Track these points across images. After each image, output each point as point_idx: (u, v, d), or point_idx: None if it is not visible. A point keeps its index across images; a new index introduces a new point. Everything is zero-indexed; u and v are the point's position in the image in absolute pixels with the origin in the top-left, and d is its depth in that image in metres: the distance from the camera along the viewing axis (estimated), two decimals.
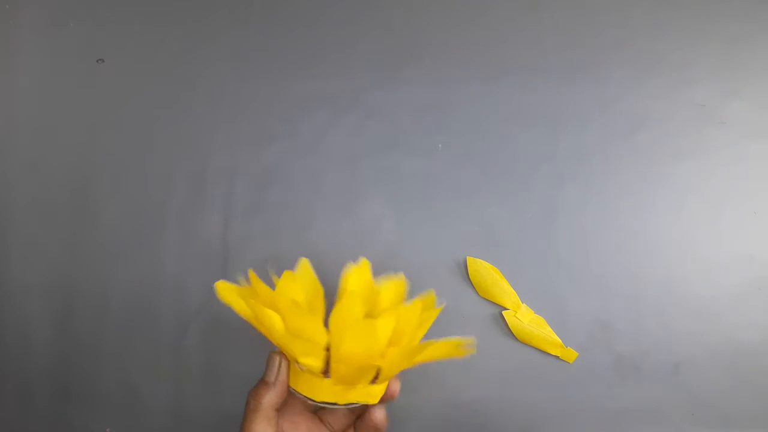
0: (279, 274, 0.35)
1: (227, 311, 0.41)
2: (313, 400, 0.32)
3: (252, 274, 0.33)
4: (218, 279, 0.41)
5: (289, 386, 0.33)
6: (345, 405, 0.32)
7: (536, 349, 0.40)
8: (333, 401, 0.31)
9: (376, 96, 0.42)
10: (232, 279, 0.41)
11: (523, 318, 0.40)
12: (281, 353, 0.33)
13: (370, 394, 0.32)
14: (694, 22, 0.42)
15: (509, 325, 0.40)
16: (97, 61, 0.44)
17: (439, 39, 0.43)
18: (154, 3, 0.44)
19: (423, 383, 0.40)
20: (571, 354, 0.39)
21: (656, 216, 0.41)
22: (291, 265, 0.37)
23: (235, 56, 0.43)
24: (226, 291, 0.33)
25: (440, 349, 0.32)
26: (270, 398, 0.32)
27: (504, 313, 0.40)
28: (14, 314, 0.42)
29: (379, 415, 0.33)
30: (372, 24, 0.43)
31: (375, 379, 0.32)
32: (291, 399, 0.34)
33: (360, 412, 0.35)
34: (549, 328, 0.40)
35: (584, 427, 0.39)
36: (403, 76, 0.42)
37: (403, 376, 0.40)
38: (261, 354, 0.41)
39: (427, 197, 0.41)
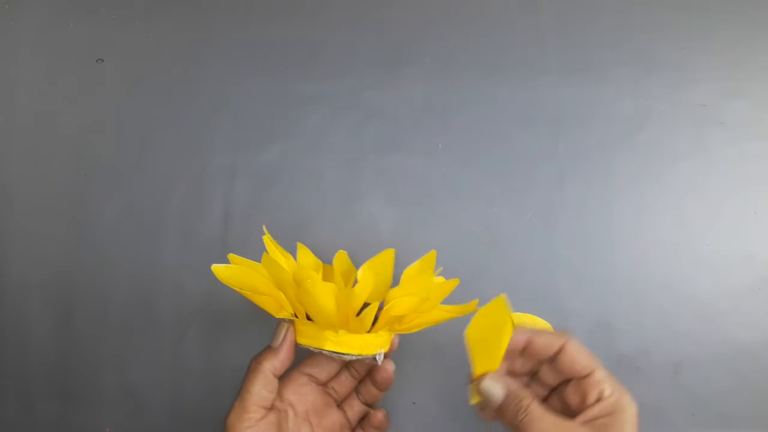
0: None
1: (227, 311, 0.41)
2: (322, 350, 0.32)
3: (268, 239, 0.34)
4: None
5: (297, 345, 0.33)
6: (353, 355, 0.32)
7: None
8: (342, 351, 0.32)
9: (376, 96, 0.42)
10: None
11: (527, 320, 0.40)
12: (289, 323, 0.34)
13: (376, 344, 0.33)
14: (694, 22, 0.42)
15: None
16: (97, 61, 0.44)
17: (439, 39, 0.43)
18: (154, 3, 0.44)
19: (424, 384, 0.40)
20: None
21: (656, 216, 0.41)
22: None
23: (235, 56, 0.43)
24: (224, 271, 0.33)
25: (444, 308, 0.33)
26: (271, 363, 0.32)
27: (512, 315, 0.39)
28: (14, 314, 0.42)
29: (388, 367, 0.34)
30: (372, 24, 0.43)
31: (373, 326, 0.33)
32: (297, 373, 0.35)
33: (361, 377, 0.36)
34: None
35: None
36: (403, 76, 0.42)
37: (404, 377, 0.40)
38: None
39: (427, 197, 0.41)
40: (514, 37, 0.43)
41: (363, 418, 0.36)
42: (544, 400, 0.34)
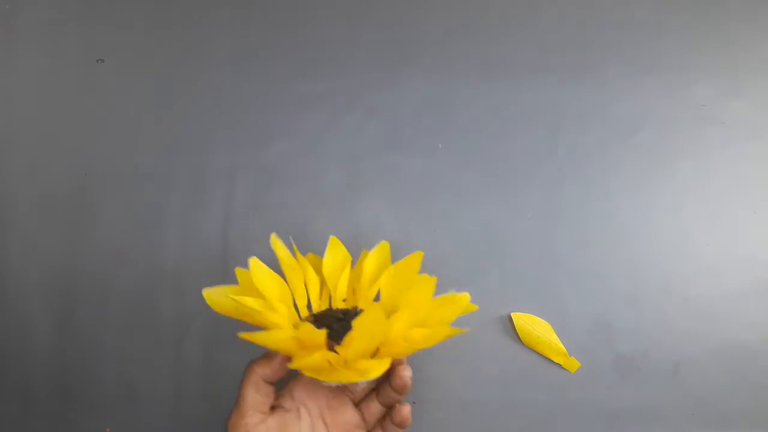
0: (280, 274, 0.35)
1: None
2: (321, 381, 0.31)
3: (274, 240, 0.34)
4: (218, 279, 0.41)
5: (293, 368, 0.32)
6: (348, 383, 0.31)
7: (539, 354, 0.40)
8: (340, 381, 0.30)
9: (376, 96, 0.42)
10: (232, 279, 0.41)
11: (527, 320, 0.40)
12: None
13: (373, 368, 0.31)
14: (694, 22, 0.42)
15: (516, 328, 0.39)
16: (97, 61, 0.44)
17: (439, 39, 0.43)
18: (154, 3, 0.44)
19: (426, 384, 0.40)
20: (573, 363, 0.39)
21: (656, 216, 0.41)
22: None
23: (235, 56, 0.43)
24: (214, 297, 0.33)
25: (442, 329, 0.31)
26: (263, 370, 0.32)
27: (513, 315, 0.40)
28: (14, 314, 0.42)
29: (405, 374, 0.33)
30: (372, 24, 0.43)
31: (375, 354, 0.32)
32: None
33: (382, 377, 0.34)
34: (555, 335, 0.39)
35: (584, 427, 0.39)
36: (403, 76, 0.42)
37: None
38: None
39: (427, 197, 0.41)
40: (514, 37, 0.43)
41: (383, 417, 0.35)
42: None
